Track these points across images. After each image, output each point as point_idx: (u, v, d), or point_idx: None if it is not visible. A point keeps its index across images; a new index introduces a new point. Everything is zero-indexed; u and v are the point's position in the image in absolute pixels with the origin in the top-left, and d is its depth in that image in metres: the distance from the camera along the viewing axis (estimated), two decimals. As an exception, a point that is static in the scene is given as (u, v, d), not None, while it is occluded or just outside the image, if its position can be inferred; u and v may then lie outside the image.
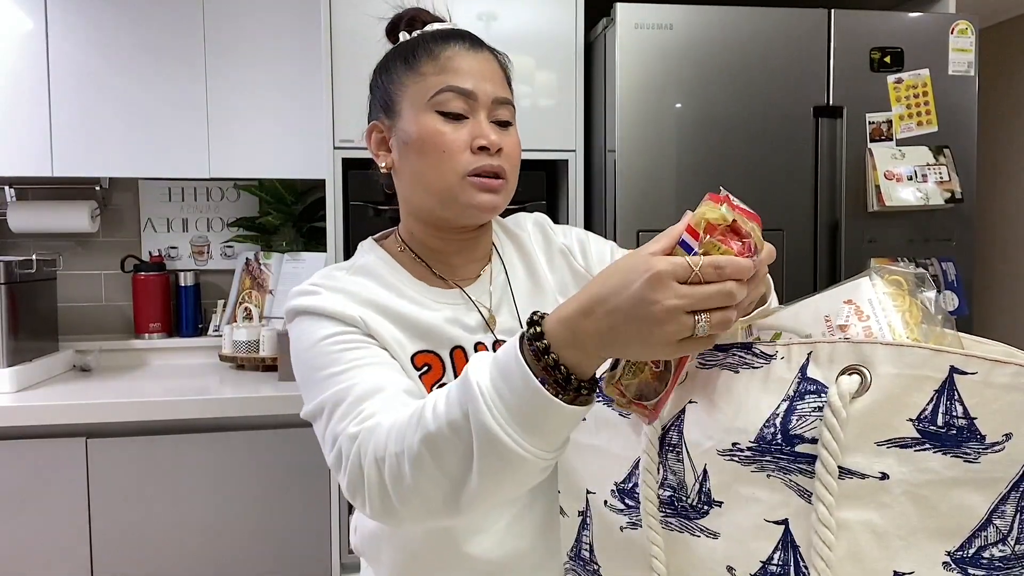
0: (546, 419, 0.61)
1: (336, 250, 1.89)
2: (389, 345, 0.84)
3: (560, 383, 0.61)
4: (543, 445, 0.63)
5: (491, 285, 0.94)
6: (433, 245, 0.93)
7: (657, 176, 1.82)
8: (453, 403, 0.64)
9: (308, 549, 1.96)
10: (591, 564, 0.80)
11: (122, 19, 2.18)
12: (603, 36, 1.88)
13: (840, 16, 1.85)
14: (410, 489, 0.67)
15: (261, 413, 1.90)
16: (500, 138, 0.86)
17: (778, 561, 0.63)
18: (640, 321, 0.57)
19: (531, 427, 0.61)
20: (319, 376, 0.79)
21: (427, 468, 0.65)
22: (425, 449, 0.65)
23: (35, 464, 1.84)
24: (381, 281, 0.89)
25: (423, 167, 0.86)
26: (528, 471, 0.64)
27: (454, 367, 0.87)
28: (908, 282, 0.67)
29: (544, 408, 0.60)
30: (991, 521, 0.55)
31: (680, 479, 0.70)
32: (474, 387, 0.62)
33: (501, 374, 0.62)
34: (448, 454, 0.64)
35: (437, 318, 0.88)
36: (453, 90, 0.85)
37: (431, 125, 0.85)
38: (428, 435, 0.65)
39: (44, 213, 2.36)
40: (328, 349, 0.80)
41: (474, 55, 0.88)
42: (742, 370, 0.66)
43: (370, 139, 0.93)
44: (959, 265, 1.90)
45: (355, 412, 0.73)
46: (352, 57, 1.85)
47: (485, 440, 0.62)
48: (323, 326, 0.82)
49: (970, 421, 0.55)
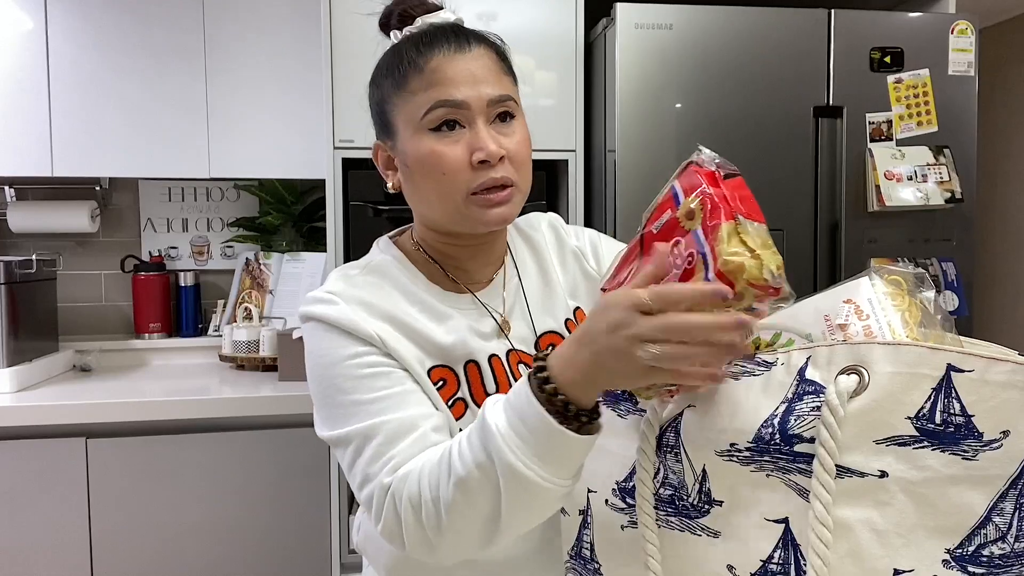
0: (561, 450, 0.67)
1: (336, 250, 1.89)
2: (408, 362, 0.82)
3: (566, 416, 0.66)
4: (561, 473, 0.68)
5: (504, 290, 0.93)
6: (447, 251, 0.91)
7: (657, 176, 1.82)
8: (476, 447, 0.69)
9: (308, 549, 1.96)
10: (592, 563, 0.80)
11: (122, 19, 2.18)
12: (603, 36, 1.88)
13: (840, 16, 1.85)
14: (447, 529, 0.71)
15: (261, 413, 1.90)
16: (502, 141, 0.82)
17: (778, 560, 0.63)
18: (613, 352, 0.62)
19: (549, 459, 0.67)
20: (345, 400, 0.79)
21: (461, 509, 0.70)
22: (459, 493, 0.70)
23: (35, 464, 1.84)
24: (395, 284, 0.88)
25: (427, 189, 0.84)
26: (550, 499, 0.70)
27: (468, 382, 0.86)
28: (907, 282, 0.68)
29: (558, 441, 0.66)
30: (990, 519, 0.55)
31: (680, 479, 0.70)
32: (493, 430, 0.67)
33: (517, 415, 0.67)
34: (478, 495, 0.69)
35: (450, 335, 0.86)
36: (444, 105, 0.81)
37: (427, 147, 0.82)
38: (459, 480, 0.69)
39: (44, 213, 2.36)
40: (353, 372, 0.80)
41: (461, 58, 0.83)
42: (743, 378, 0.67)
43: (377, 159, 0.92)
44: (959, 265, 1.90)
45: (387, 456, 0.76)
46: (352, 57, 1.85)
47: (510, 476, 0.67)
48: (343, 343, 0.81)
49: (968, 419, 0.55)
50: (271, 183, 2.44)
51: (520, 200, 0.86)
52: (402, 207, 0.93)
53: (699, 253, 0.61)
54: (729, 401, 0.67)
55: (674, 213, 0.64)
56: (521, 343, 0.91)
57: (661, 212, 0.66)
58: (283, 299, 2.38)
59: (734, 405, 0.66)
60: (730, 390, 0.67)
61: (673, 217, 0.64)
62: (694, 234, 0.62)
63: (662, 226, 0.65)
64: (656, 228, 0.65)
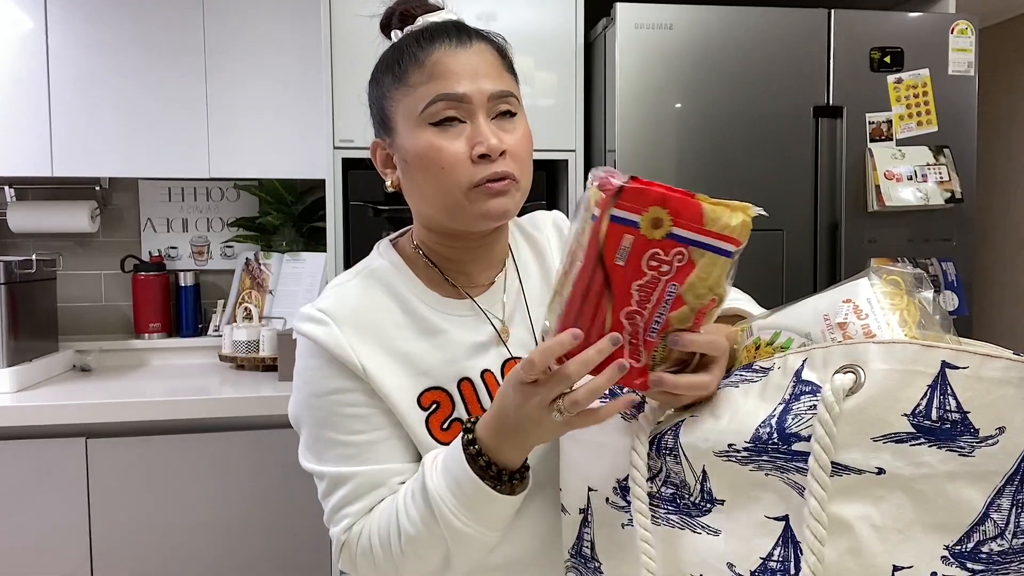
0: (493, 509, 0.75)
1: (336, 250, 1.90)
2: (391, 397, 0.82)
3: (496, 478, 0.74)
4: (496, 525, 0.78)
5: (504, 294, 0.91)
6: (446, 254, 0.90)
7: (657, 176, 1.79)
8: (422, 508, 0.77)
9: (308, 549, 1.96)
10: (592, 561, 0.81)
11: (122, 19, 2.18)
12: (603, 36, 1.88)
13: (840, 16, 1.85)
14: (401, 573, 0.81)
15: (261, 413, 1.90)
16: (502, 137, 0.81)
17: (778, 557, 0.63)
18: (531, 421, 0.70)
19: (484, 517, 0.76)
20: (323, 435, 0.84)
21: (412, 561, 0.80)
22: (409, 548, 0.78)
23: (35, 464, 1.84)
24: (390, 292, 0.87)
25: (426, 185, 0.82)
26: (489, 543, 0.79)
27: (464, 401, 0.85)
28: (906, 282, 0.68)
29: (490, 501, 0.74)
30: (988, 515, 0.55)
31: (682, 478, 0.70)
32: (434, 495, 0.76)
33: (455, 480, 0.75)
34: (427, 549, 0.78)
35: (441, 355, 0.85)
36: (444, 98, 0.80)
37: (427, 141, 0.80)
38: (409, 538, 0.78)
39: (44, 213, 2.36)
40: (334, 409, 0.83)
41: (463, 52, 0.82)
42: (742, 385, 0.68)
43: (375, 157, 0.90)
44: (959, 265, 1.90)
45: (344, 512, 0.84)
46: (352, 57, 1.85)
47: (452, 534, 0.76)
48: (329, 374, 0.83)
49: (963, 415, 0.55)
50: (271, 183, 2.44)
51: (520, 196, 0.84)
52: (402, 207, 0.93)
53: (689, 244, 0.64)
54: (727, 406, 0.68)
55: (635, 235, 0.64)
56: (521, 348, 0.90)
57: (615, 245, 0.65)
58: (283, 299, 2.38)
59: (732, 409, 0.67)
60: (728, 396, 0.68)
61: (637, 239, 0.64)
62: (670, 236, 0.64)
63: (628, 253, 0.64)
64: (621, 259, 0.65)
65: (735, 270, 0.67)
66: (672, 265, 0.65)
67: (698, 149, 1.83)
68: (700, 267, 0.65)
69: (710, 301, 0.67)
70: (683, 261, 0.65)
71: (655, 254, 0.64)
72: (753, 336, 0.76)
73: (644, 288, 0.65)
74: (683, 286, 0.65)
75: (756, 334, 0.76)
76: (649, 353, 0.67)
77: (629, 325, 0.66)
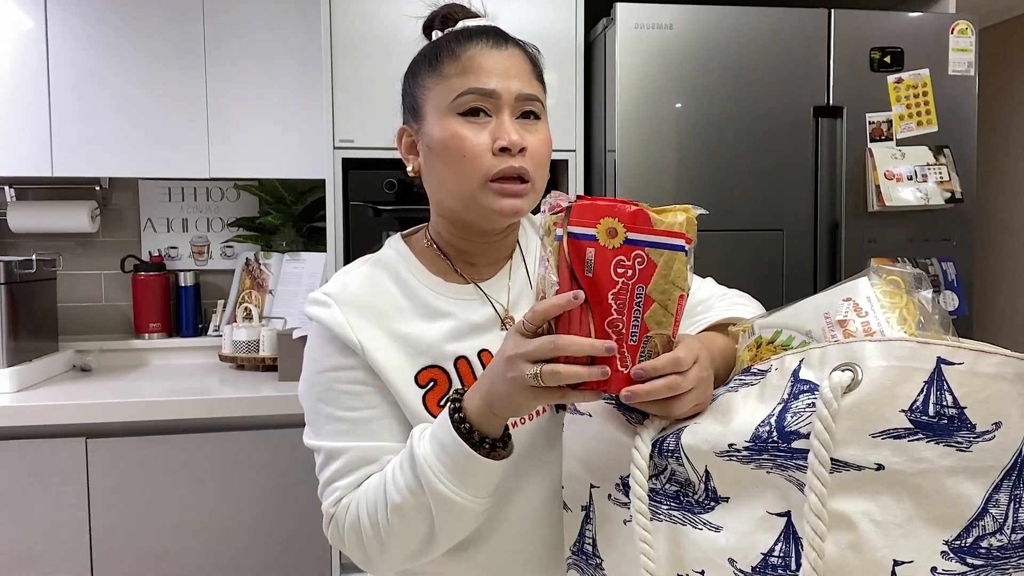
0: (477, 473, 0.77)
1: (336, 250, 1.90)
2: (389, 374, 0.85)
3: (480, 444, 0.76)
4: (479, 492, 0.78)
5: (510, 281, 0.94)
6: (460, 246, 0.93)
7: (657, 176, 1.82)
8: (408, 475, 0.79)
9: (308, 549, 1.96)
10: (594, 558, 0.81)
11: (122, 19, 2.19)
12: (603, 36, 1.89)
13: (840, 16, 1.85)
14: (388, 547, 0.82)
15: (261, 413, 1.90)
16: (524, 136, 0.84)
17: (779, 553, 0.64)
18: (502, 376, 0.72)
19: (469, 482, 0.77)
20: (321, 410, 0.87)
21: (399, 531, 0.81)
22: (396, 518, 0.80)
23: (35, 464, 1.84)
24: (394, 275, 0.91)
25: (446, 172, 0.85)
26: (472, 516, 0.80)
27: (460, 378, 0.87)
28: (905, 282, 0.69)
29: (476, 466, 0.76)
30: (987, 510, 0.55)
31: (686, 478, 0.71)
32: (421, 461, 0.78)
33: (440, 445, 0.77)
34: (413, 518, 0.79)
35: (438, 334, 0.88)
36: (475, 91, 0.84)
37: (453, 129, 0.84)
38: (396, 506, 0.80)
39: (44, 213, 2.36)
40: (333, 385, 0.87)
41: (497, 52, 0.87)
42: (741, 389, 0.70)
43: (400, 143, 0.93)
44: (959, 265, 1.90)
45: (334, 485, 0.86)
46: (352, 57, 1.85)
47: (437, 499, 0.77)
48: (329, 352, 0.87)
49: (960, 410, 0.56)
50: (271, 183, 2.44)
51: (534, 198, 0.87)
52: (403, 207, 0.93)
53: (646, 246, 0.70)
54: (728, 410, 0.69)
55: (595, 247, 0.69)
56: None
57: (580, 259, 0.70)
58: (283, 299, 2.38)
59: (732, 412, 0.68)
60: (728, 401, 0.70)
61: (598, 250, 0.69)
62: (627, 242, 0.69)
63: (594, 264, 0.69)
64: (590, 271, 0.69)
65: (692, 264, 0.72)
66: (635, 269, 0.70)
67: (698, 149, 1.83)
68: (660, 265, 0.70)
69: (679, 297, 0.72)
70: (644, 263, 0.70)
71: (620, 261, 0.69)
72: (755, 335, 0.77)
73: (619, 295, 0.70)
74: (649, 286, 0.70)
75: (757, 333, 0.77)
76: (635, 358, 0.70)
77: (613, 334, 0.70)
